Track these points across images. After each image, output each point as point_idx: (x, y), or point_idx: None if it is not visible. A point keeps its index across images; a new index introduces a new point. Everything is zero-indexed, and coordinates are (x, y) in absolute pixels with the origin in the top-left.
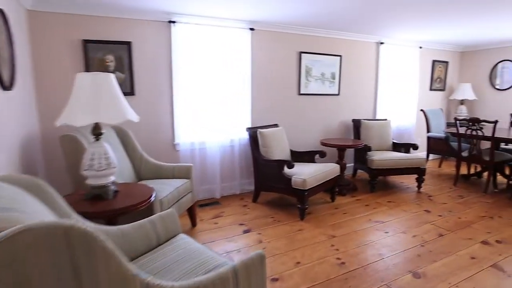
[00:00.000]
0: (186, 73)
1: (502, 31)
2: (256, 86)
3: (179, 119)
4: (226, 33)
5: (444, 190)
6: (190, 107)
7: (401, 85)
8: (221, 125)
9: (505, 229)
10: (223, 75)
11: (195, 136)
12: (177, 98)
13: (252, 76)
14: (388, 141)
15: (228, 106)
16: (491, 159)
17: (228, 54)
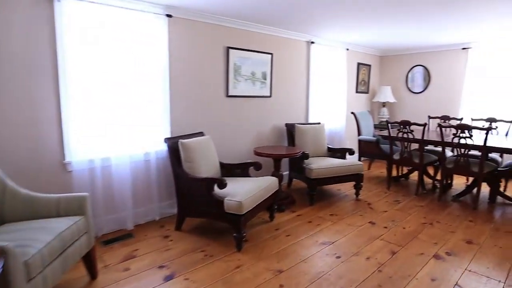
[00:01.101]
0: (81, 66)
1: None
2: (176, 86)
3: (70, 129)
4: (134, 18)
5: (380, 195)
6: (87, 112)
7: (331, 87)
8: (132, 134)
9: (448, 237)
10: (133, 72)
11: (95, 150)
12: (68, 101)
13: (171, 74)
14: (323, 146)
15: (141, 111)
16: (421, 161)
17: (138, 45)
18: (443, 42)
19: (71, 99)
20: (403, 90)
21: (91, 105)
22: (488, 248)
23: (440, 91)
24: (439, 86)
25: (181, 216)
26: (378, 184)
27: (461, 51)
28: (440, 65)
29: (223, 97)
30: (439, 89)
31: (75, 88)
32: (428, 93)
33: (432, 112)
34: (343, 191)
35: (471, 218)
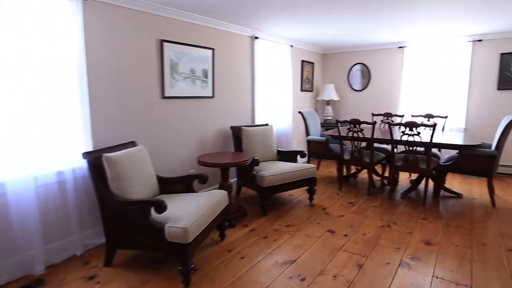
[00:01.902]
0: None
1: (353, 36)
2: (97, 87)
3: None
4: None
5: (333, 198)
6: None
7: (277, 85)
8: (38, 149)
9: (407, 240)
10: (38, 70)
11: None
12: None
13: (89, 72)
14: (273, 149)
15: (50, 119)
16: (371, 160)
17: (42, 35)
18: (382, 40)
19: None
20: (345, 88)
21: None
22: (446, 247)
23: (380, 88)
24: (379, 83)
25: (111, 248)
26: (329, 185)
27: (398, 50)
28: (379, 63)
29: (158, 98)
30: (379, 87)
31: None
32: (369, 90)
33: (374, 109)
34: (296, 196)
35: (423, 216)
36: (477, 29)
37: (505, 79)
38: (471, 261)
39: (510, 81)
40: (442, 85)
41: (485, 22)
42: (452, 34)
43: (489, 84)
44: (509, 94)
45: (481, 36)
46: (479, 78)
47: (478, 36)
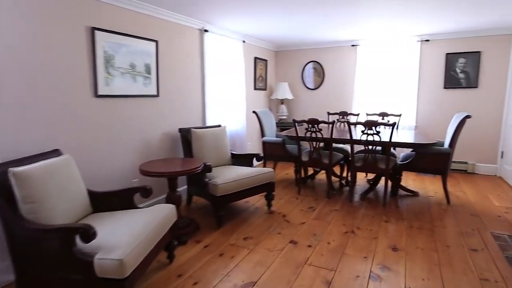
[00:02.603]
0: None
1: (305, 33)
2: (4, 82)
3: None
4: None
5: (292, 202)
6: None
7: (229, 83)
8: None
9: (373, 246)
10: None
11: None
12: None
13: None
14: (227, 153)
15: None
16: (330, 161)
17: None
18: (335, 38)
19: None
20: (299, 87)
21: None
22: (413, 252)
23: (334, 87)
24: (333, 82)
25: (23, 284)
26: (287, 189)
27: (351, 48)
28: (333, 62)
29: (90, 97)
30: (333, 85)
31: None
32: (324, 89)
33: (329, 108)
34: (252, 203)
35: (385, 218)
36: (424, 29)
37: (450, 79)
38: (439, 265)
39: (455, 81)
40: (394, 84)
41: (432, 23)
42: (402, 33)
43: (436, 83)
44: (454, 92)
45: (429, 36)
46: (427, 77)
47: (426, 36)
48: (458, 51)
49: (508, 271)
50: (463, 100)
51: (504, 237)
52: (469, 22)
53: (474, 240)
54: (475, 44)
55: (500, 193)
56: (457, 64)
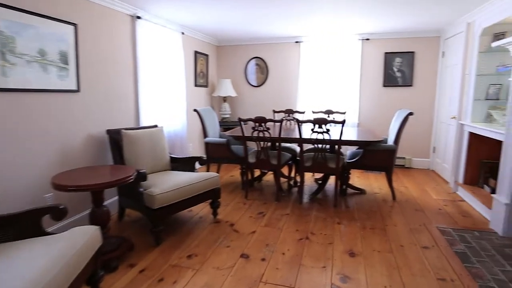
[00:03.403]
0: None
1: (247, 28)
2: None
3: None
4: None
5: (240, 209)
6: None
7: (167, 78)
8: None
9: (330, 253)
10: None
11: None
12: None
13: None
14: (165, 157)
15: None
16: (279, 162)
17: None
18: (279, 34)
19: None
20: (243, 84)
21: None
22: (370, 256)
23: (279, 84)
24: (277, 79)
25: None
26: (233, 193)
27: (295, 45)
28: (277, 58)
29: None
30: (278, 82)
31: None
32: (268, 86)
33: (274, 106)
34: (196, 212)
35: (337, 219)
36: (365, 28)
37: (389, 77)
38: (397, 268)
39: (393, 79)
40: (337, 82)
41: (372, 22)
42: (344, 31)
43: (376, 81)
44: (393, 90)
45: (369, 35)
46: (368, 76)
47: (366, 35)
48: (395, 50)
49: (461, 268)
50: (400, 97)
51: (449, 231)
52: (404, 22)
53: (424, 237)
54: (409, 45)
55: (435, 186)
56: (394, 63)
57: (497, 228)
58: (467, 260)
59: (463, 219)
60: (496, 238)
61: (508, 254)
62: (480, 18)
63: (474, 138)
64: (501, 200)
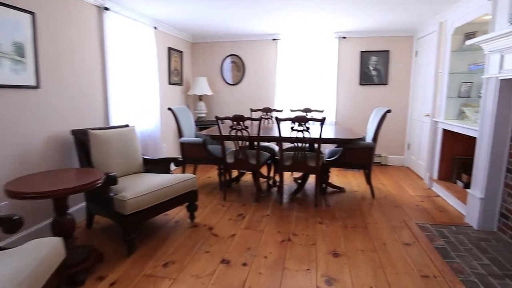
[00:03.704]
0: None
1: (223, 24)
2: None
3: None
4: None
5: (218, 211)
6: None
7: (138, 75)
8: None
9: (314, 254)
10: None
11: None
12: None
13: None
14: (137, 158)
15: None
16: (258, 162)
17: None
18: (255, 31)
19: None
20: (219, 82)
21: None
22: (354, 256)
23: (256, 82)
24: (254, 77)
25: None
26: (210, 195)
27: (272, 42)
28: (254, 56)
29: None
30: (255, 81)
31: None
32: (245, 84)
33: (251, 105)
34: (172, 216)
35: (319, 219)
36: (341, 26)
37: (365, 75)
38: (382, 267)
39: (369, 77)
40: (315, 80)
41: (348, 20)
42: (321, 29)
43: (353, 80)
44: (369, 89)
45: (345, 34)
46: (345, 74)
47: (343, 34)
48: (371, 49)
49: (442, 264)
50: (376, 96)
51: (428, 227)
52: (379, 21)
53: (405, 234)
54: (384, 44)
55: (411, 182)
56: (370, 62)
57: (472, 222)
58: (447, 255)
59: (440, 214)
60: (472, 231)
61: (484, 248)
62: (452, 18)
63: (448, 134)
64: (475, 194)
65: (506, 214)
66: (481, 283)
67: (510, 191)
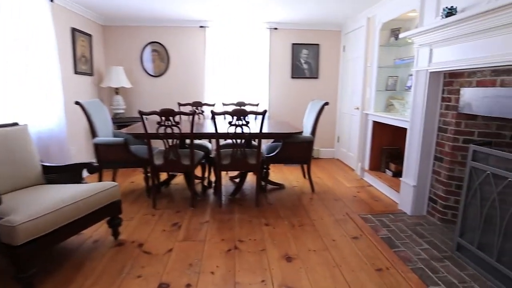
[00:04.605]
0: None
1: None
2: None
3: None
4: None
5: (148, 222)
6: None
7: (30, 61)
8: None
9: (265, 262)
10: None
11: None
12: None
13: None
14: (33, 167)
15: None
16: (192, 162)
17: None
18: (180, 16)
19: None
20: (139, 73)
21: None
22: (307, 258)
23: (183, 74)
24: (181, 68)
25: None
26: (136, 203)
27: (199, 30)
28: (180, 44)
29: None
30: (182, 72)
31: None
32: (170, 76)
33: (178, 98)
34: (88, 235)
35: (264, 220)
36: (273, 16)
37: (296, 69)
38: (337, 266)
39: (300, 71)
40: (247, 72)
41: (279, 11)
42: (252, 18)
43: (285, 73)
44: (300, 82)
45: (276, 25)
46: (277, 66)
47: (274, 24)
48: (302, 42)
49: (391, 254)
50: (307, 89)
51: (369, 217)
52: (309, 14)
53: (350, 227)
54: (315, 37)
55: (344, 173)
56: (301, 55)
57: (406, 208)
58: (393, 244)
59: (376, 204)
60: (407, 218)
61: (421, 232)
62: (380, 14)
63: (377, 126)
64: (409, 182)
65: (434, 199)
66: (427, 268)
67: (437, 177)
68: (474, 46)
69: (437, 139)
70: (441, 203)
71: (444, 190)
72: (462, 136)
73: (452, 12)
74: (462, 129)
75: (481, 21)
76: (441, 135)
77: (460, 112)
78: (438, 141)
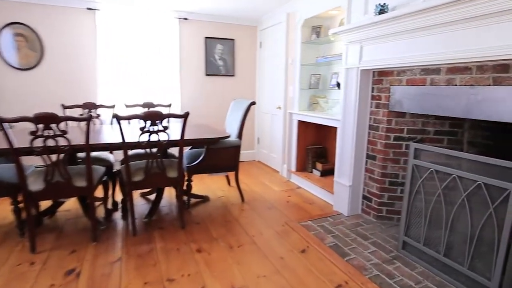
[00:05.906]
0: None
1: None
2: None
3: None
4: None
5: (25, 275)
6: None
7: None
8: None
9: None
10: None
11: None
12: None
13: None
14: None
15: None
16: (90, 182)
17: None
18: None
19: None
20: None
21: None
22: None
23: (66, 67)
24: (62, 59)
25: None
26: (3, 248)
27: (87, 12)
28: (58, 28)
29: None
30: (63, 64)
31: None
32: (46, 69)
33: (62, 99)
34: None
35: (196, 246)
36: (182, 5)
37: (211, 65)
38: None
39: (215, 67)
40: (153, 68)
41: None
42: (156, 5)
43: (198, 69)
44: (216, 80)
45: (187, 14)
46: (189, 62)
47: (184, 14)
48: (215, 36)
49: (345, 265)
50: (223, 88)
51: (311, 224)
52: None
53: (294, 239)
54: (229, 32)
55: (270, 176)
56: (216, 51)
57: (342, 209)
58: (342, 252)
59: (311, 207)
60: (345, 219)
61: (363, 233)
62: (301, 9)
63: (301, 126)
64: (344, 183)
65: (368, 196)
66: (383, 274)
67: (370, 175)
68: (405, 45)
69: (368, 137)
70: (376, 201)
71: (378, 187)
72: (393, 134)
73: (384, 10)
74: (393, 126)
75: (415, 19)
76: (372, 133)
77: (391, 110)
78: (369, 139)
